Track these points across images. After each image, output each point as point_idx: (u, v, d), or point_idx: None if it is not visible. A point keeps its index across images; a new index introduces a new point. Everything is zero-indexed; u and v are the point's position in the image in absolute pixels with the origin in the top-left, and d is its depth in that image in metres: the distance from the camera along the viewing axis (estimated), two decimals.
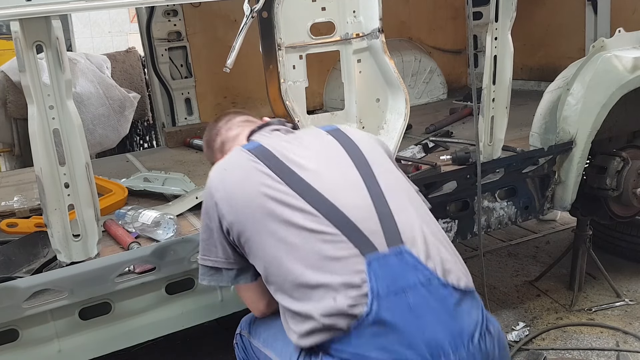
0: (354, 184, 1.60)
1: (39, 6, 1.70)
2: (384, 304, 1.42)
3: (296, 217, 1.51)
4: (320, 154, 1.68)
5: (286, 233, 1.50)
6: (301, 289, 1.47)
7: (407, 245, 1.51)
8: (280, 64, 2.09)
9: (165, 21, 3.73)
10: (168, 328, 2.16)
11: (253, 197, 1.55)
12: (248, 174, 1.60)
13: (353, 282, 1.44)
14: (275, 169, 1.59)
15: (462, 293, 1.52)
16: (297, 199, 1.53)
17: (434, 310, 1.46)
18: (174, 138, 3.79)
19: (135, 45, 4.52)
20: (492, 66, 2.53)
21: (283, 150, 1.65)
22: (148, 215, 2.20)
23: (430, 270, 1.49)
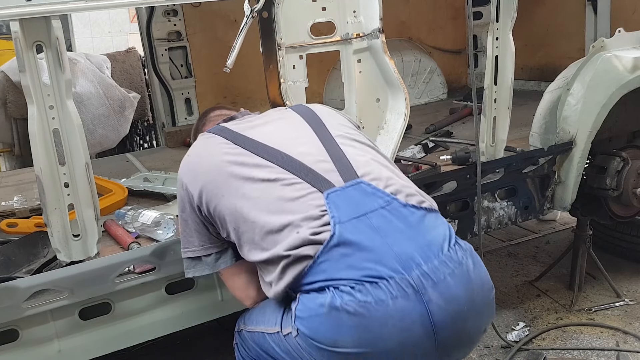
0: (307, 137, 1.71)
1: (39, 6, 1.69)
2: (346, 227, 1.46)
3: (254, 173, 1.59)
4: (276, 121, 1.83)
5: (247, 189, 1.58)
6: (269, 237, 1.51)
7: (363, 178, 1.57)
8: (281, 64, 2.09)
9: (165, 21, 3.73)
10: (168, 328, 2.16)
11: (214, 164, 1.66)
12: (208, 147, 1.74)
13: (313, 214, 1.49)
14: (231, 138, 1.71)
15: (425, 211, 1.55)
16: (252, 156, 1.64)
17: (398, 228, 1.49)
18: (174, 138, 3.79)
19: (135, 45, 4.52)
20: (493, 66, 2.53)
21: (241, 125, 1.79)
22: (148, 215, 2.20)
23: (390, 195, 1.55)
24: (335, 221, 1.47)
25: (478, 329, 1.55)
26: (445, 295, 1.44)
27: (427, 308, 1.41)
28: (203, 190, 1.65)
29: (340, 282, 1.41)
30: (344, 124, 1.84)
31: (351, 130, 1.81)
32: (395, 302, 1.39)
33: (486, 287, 1.56)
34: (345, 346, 1.39)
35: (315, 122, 1.78)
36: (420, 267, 1.44)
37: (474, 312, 1.50)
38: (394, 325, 1.39)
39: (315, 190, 1.54)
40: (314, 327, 1.42)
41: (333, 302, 1.39)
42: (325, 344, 1.41)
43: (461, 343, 1.52)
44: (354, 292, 1.39)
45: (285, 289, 1.50)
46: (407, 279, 1.41)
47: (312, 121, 1.78)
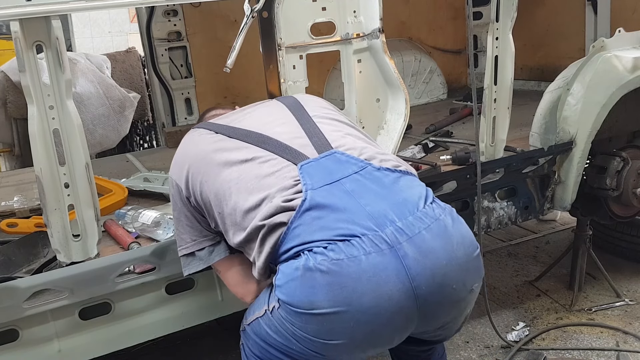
0: (285, 119, 1.77)
1: (39, 6, 1.69)
2: (319, 192, 1.48)
3: (233, 155, 1.64)
4: (258, 109, 1.89)
5: (227, 172, 1.62)
6: (249, 214, 1.54)
7: (338, 149, 1.60)
8: (281, 64, 2.09)
9: (165, 21, 3.73)
10: (168, 328, 2.16)
11: (196, 153, 1.74)
12: (190, 141, 1.82)
13: (287, 185, 1.52)
14: (214, 129, 1.79)
15: (401, 173, 1.56)
16: (233, 141, 1.70)
17: (372, 190, 1.50)
18: (174, 138, 3.78)
19: (135, 45, 4.52)
20: (493, 66, 2.53)
21: (227, 119, 1.86)
22: (148, 215, 2.20)
23: (365, 162, 1.57)
24: (307, 188, 1.49)
25: (464, 287, 1.50)
26: (422, 249, 1.42)
27: (402, 262, 1.40)
28: (188, 178, 1.71)
29: (314, 244, 1.41)
30: (325, 107, 1.90)
31: (331, 112, 1.86)
32: (369, 257, 1.39)
33: (468, 242, 1.52)
34: (321, 306, 1.38)
35: (296, 106, 1.83)
36: (394, 224, 1.43)
37: (456, 267, 1.46)
38: (368, 280, 1.38)
39: (290, 164, 1.57)
40: (291, 292, 1.42)
41: (307, 263, 1.39)
42: (302, 307, 1.40)
43: (445, 300, 1.47)
44: (326, 251, 1.39)
45: (266, 262, 1.50)
46: (380, 236, 1.41)
47: (292, 106, 1.84)
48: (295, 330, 1.45)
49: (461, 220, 1.55)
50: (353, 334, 1.41)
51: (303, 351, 1.48)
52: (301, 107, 1.83)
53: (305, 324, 1.42)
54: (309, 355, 1.48)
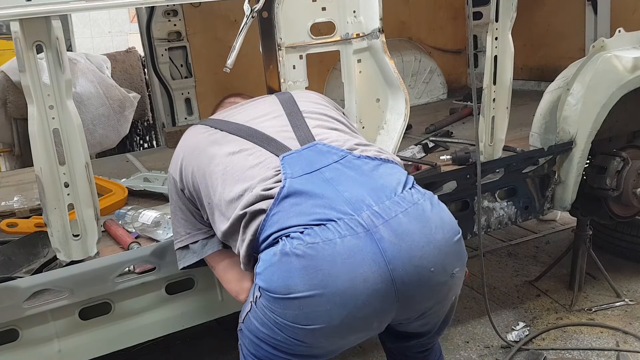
0: (275, 113, 1.80)
1: (39, 6, 1.69)
2: (297, 180, 1.51)
3: (224, 148, 1.69)
4: (254, 104, 1.92)
5: (216, 162, 1.66)
6: (232, 204, 1.57)
7: (321, 141, 1.63)
8: (280, 64, 2.09)
9: (165, 21, 3.73)
10: (168, 328, 2.16)
11: (190, 146, 1.80)
12: (187, 136, 1.87)
13: (268, 175, 1.56)
14: (210, 124, 1.84)
15: (381, 161, 1.57)
16: (224, 134, 1.75)
17: (350, 177, 1.52)
18: (174, 138, 3.78)
19: (135, 45, 4.52)
20: (492, 66, 2.53)
21: (222, 113, 1.92)
22: (148, 215, 2.20)
23: (344, 150, 1.60)
24: (286, 176, 1.52)
25: (443, 270, 1.49)
26: (398, 232, 1.42)
27: (378, 245, 1.40)
28: (182, 169, 1.77)
29: (291, 229, 1.43)
30: (317, 102, 1.92)
31: (322, 106, 1.89)
32: (344, 240, 1.40)
33: (447, 227, 1.51)
34: (297, 290, 1.39)
35: (289, 101, 1.87)
36: (370, 208, 1.44)
37: (434, 250, 1.45)
38: (343, 262, 1.38)
39: (273, 155, 1.61)
40: (269, 278, 1.43)
41: (283, 248, 1.41)
42: (279, 292, 1.41)
43: (423, 282, 1.46)
44: (302, 236, 1.41)
45: (248, 250, 1.52)
46: (356, 219, 1.42)
47: (285, 101, 1.88)
48: (276, 318, 1.46)
49: (442, 206, 1.55)
50: (330, 317, 1.41)
51: (287, 341, 1.48)
52: (294, 102, 1.87)
53: (284, 310, 1.43)
54: (293, 345, 1.49)
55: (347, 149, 1.62)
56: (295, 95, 1.95)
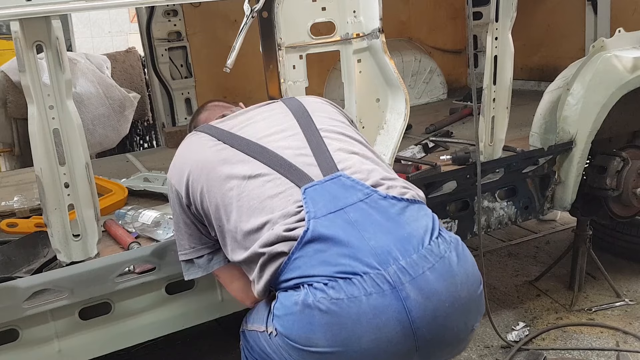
0: (291, 130, 1.69)
1: (39, 6, 1.69)
2: (321, 222, 1.43)
3: (236, 169, 1.59)
4: (262, 115, 1.80)
5: (229, 186, 1.57)
6: (250, 236, 1.51)
7: (344, 171, 1.54)
8: (280, 64, 2.09)
9: (165, 21, 3.73)
10: (168, 328, 2.16)
11: (198, 161, 1.67)
12: (192, 146, 1.76)
13: (290, 211, 1.47)
14: (216, 135, 1.72)
15: (407, 202, 1.51)
16: (236, 152, 1.63)
17: (377, 221, 1.45)
18: (174, 138, 3.78)
19: (135, 45, 4.52)
20: (492, 66, 2.53)
21: (229, 122, 1.79)
22: (148, 215, 2.20)
23: (370, 188, 1.51)
24: (310, 216, 1.44)
25: (465, 327, 1.48)
26: (424, 291, 1.39)
27: (404, 305, 1.37)
28: (189, 186, 1.66)
29: (314, 278, 1.38)
30: (333, 117, 1.81)
31: (339, 124, 1.78)
32: (370, 298, 1.35)
33: (472, 281, 1.48)
34: (319, 345, 1.36)
35: (303, 115, 1.75)
36: (397, 262, 1.39)
37: (458, 309, 1.44)
38: (368, 322, 1.35)
39: (294, 186, 1.52)
40: (289, 326, 1.40)
41: (306, 299, 1.37)
42: (300, 343, 1.39)
43: (445, 342, 1.46)
44: (326, 288, 1.36)
45: (266, 286, 1.49)
46: (382, 275, 1.37)
47: (299, 115, 1.76)
48: (290, 359, 1.44)
49: (467, 253, 1.51)
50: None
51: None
52: (308, 116, 1.75)
53: (300, 358, 1.41)
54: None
55: (372, 184, 1.52)
56: (306, 105, 1.82)
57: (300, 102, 1.85)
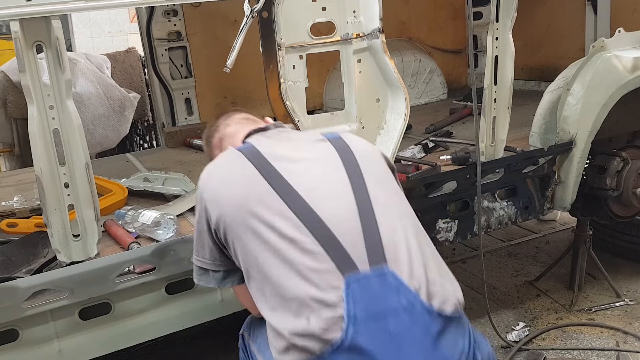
0: (341, 192, 1.54)
1: (39, 6, 1.69)
2: (361, 329, 1.35)
3: (276, 222, 1.47)
4: (311, 158, 1.64)
5: (267, 237, 1.47)
6: (277, 297, 1.43)
7: (390, 264, 1.44)
8: (280, 64, 2.09)
9: (165, 21, 3.73)
10: (168, 328, 2.16)
11: (237, 197, 1.54)
12: (235, 173, 1.60)
13: (328, 300, 1.38)
14: (262, 169, 1.57)
15: (448, 320, 1.44)
16: (278, 201, 1.50)
17: (416, 339, 1.38)
18: (174, 138, 3.79)
19: (135, 45, 4.52)
20: (493, 66, 2.53)
21: (273, 152, 1.63)
22: (148, 215, 2.20)
23: (413, 293, 1.42)
24: (350, 319, 1.35)
25: None
26: None
27: None
28: (220, 220, 1.56)
29: None
30: (382, 172, 1.67)
31: (388, 183, 1.65)
32: None
33: None
34: None
35: (355, 173, 1.59)
36: None
37: None
38: None
39: (335, 269, 1.41)
40: None
41: None
42: None
43: None
44: None
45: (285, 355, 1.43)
46: None
47: (351, 171, 1.59)
48: None
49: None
50: None
51: None
52: (360, 175, 1.58)
53: None
54: None
55: (415, 288, 1.42)
56: (356, 154, 1.63)
57: (349, 147, 1.66)
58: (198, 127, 3.81)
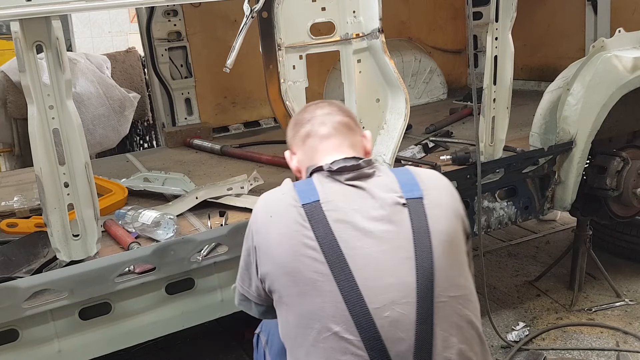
0: (404, 296, 1.36)
1: (39, 6, 1.69)
2: None
3: (324, 314, 1.36)
4: (381, 236, 1.42)
5: (309, 318, 1.37)
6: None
7: None
8: (280, 64, 2.09)
9: (165, 21, 3.73)
10: (168, 328, 2.16)
11: (288, 267, 1.41)
12: (291, 236, 1.42)
13: None
14: (321, 240, 1.39)
15: None
16: (332, 284, 1.35)
17: None
18: (174, 138, 3.79)
19: (135, 45, 4.52)
20: (492, 66, 2.53)
21: (339, 210, 1.44)
22: (148, 215, 2.20)
23: None
24: None
25: None
26: None
27: None
28: (267, 277, 1.46)
29: None
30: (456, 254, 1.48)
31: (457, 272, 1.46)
32: None
33: None
34: None
35: (425, 261, 1.40)
36: None
37: None
38: None
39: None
40: None
41: None
42: None
43: None
44: None
45: None
46: None
47: (421, 257, 1.40)
48: None
49: None
50: None
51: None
52: (430, 265, 1.39)
53: None
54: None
55: None
56: (434, 239, 1.43)
57: (427, 226, 1.44)
58: (198, 127, 3.81)
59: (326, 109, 1.67)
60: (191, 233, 2.21)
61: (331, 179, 1.51)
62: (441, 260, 1.41)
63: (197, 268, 2.10)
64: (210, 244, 2.13)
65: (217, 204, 2.46)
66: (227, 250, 2.13)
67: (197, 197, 2.44)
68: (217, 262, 2.14)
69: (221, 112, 4.00)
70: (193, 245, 2.06)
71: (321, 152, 1.60)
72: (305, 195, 1.47)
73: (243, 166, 3.12)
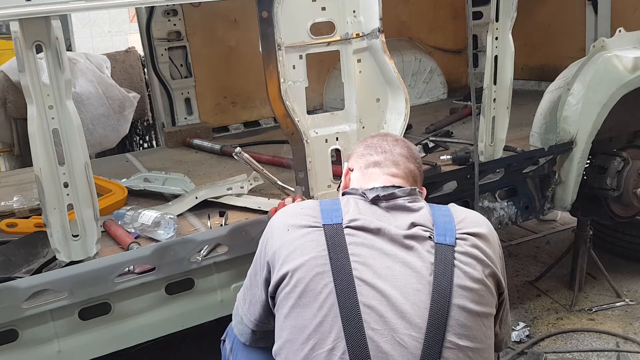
0: (415, 333, 1.31)
1: (39, 6, 1.69)
2: None
3: (320, 335, 1.33)
4: (399, 281, 1.34)
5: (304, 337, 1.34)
6: None
7: None
8: (280, 64, 2.09)
9: (165, 21, 3.73)
10: (168, 328, 2.16)
11: (300, 276, 1.37)
12: (306, 252, 1.39)
13: None
14: (337, 275, 1.34)
15: None
16: (337, 327, 1.31)
17: None
18: (174, 138, 3.79)
19: (135, 45, 4.52)
20: (492, 66, 2.53)
21: (358, 241, 1.39)
22: (148, 215, 2.20)
23: None
24: None
25: None
26: None
27: None
28: (278, 281, 1.42)
29: None
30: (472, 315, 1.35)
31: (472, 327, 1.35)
32: None
33: None
34: None
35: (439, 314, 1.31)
36: None
37: None
38: None
39: None
40: None
41: None
42: None
43: None
44: None
45: None
46: None
47: (436, 309, 1.32)
48: None
49: None
50: None
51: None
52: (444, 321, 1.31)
53: None
54: None
55: None
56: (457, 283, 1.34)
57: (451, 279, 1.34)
58: (198, 127, 3.81)
59: (405, 151, 1.63)
60: (191, 233, 2.21)
61: (363, 202, 1.48)
62: (460, 306, 1.33)
63: (197, 268, 2.10)
64: (210, 244, 2.13)
65: (217, 203, 2.46)
66: (227, 250, 2.13)
67: (197, 197, 2.43)
68: (216, 263, 2.14)
69: (221, 112, 3.99)
70: (193, 245, 2.06)
71: (373, 182, 1.56)
72: (328, 215, 1.44)
73: (243, 166, 3.11)
